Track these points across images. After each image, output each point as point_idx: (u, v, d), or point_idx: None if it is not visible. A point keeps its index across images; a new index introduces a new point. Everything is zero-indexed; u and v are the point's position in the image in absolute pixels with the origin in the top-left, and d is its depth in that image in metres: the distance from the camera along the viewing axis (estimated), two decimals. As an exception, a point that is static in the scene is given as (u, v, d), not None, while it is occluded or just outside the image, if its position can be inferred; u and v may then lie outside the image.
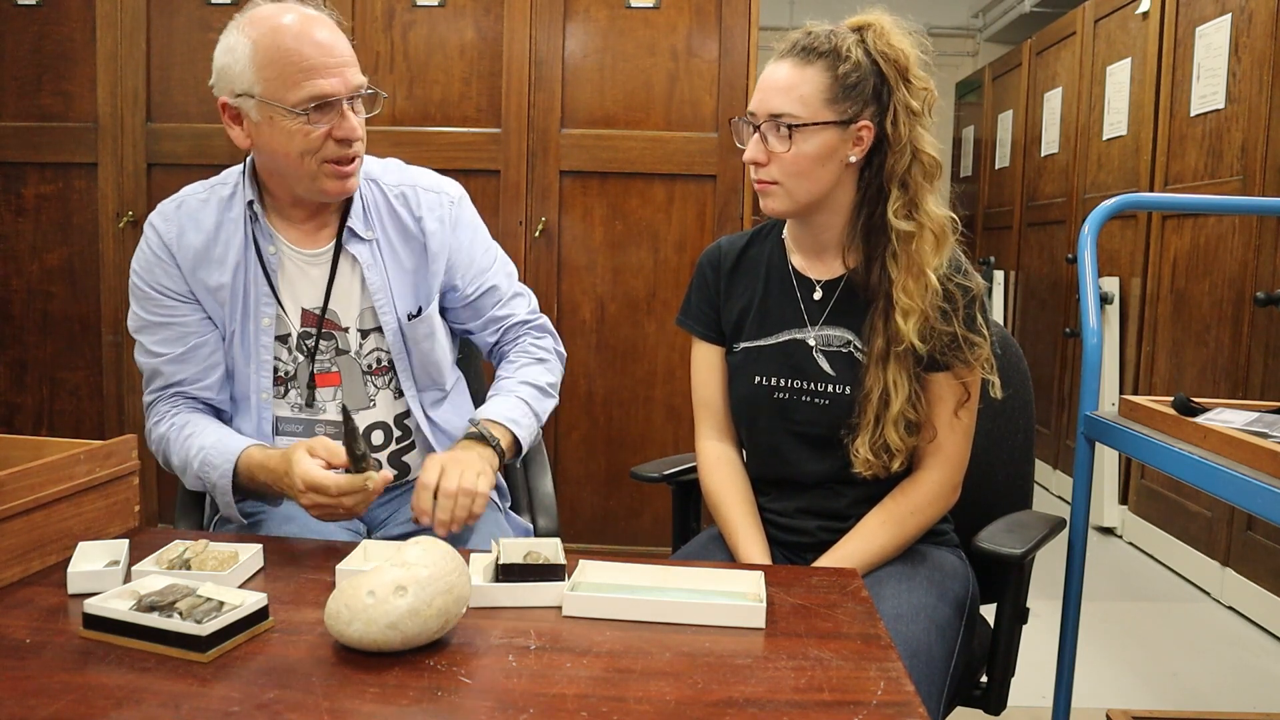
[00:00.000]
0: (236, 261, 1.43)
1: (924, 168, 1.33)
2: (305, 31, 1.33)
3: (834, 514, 1.42)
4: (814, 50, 1.31)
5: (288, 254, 1.45)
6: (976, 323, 1.36)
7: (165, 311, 1.43)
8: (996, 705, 1.41)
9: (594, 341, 2.81)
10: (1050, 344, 4.30)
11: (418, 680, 0.90)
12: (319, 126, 1.33)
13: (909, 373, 1.33)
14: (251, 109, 1.36)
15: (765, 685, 0.90)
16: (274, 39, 1.33)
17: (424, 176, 1.56)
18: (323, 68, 1.32)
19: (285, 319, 1.45)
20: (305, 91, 1.32)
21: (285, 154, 1.36)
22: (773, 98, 1.32)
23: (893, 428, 1.32)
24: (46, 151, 2.81)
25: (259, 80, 1.33)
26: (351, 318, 1.47)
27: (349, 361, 1.47)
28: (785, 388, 1.41)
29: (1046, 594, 1.82)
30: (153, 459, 1.49)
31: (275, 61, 1.32)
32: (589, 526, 2.82)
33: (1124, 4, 3.71)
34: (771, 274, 1.46)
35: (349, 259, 1.46)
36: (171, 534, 1.34)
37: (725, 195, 2.73)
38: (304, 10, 1.36)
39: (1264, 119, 2.77)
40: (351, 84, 1.35)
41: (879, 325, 1.34)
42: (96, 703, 0.83)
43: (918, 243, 1.32)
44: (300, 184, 1.39)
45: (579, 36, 2.73)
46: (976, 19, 6.39)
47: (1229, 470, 1.27)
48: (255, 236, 1.43)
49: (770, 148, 1.33)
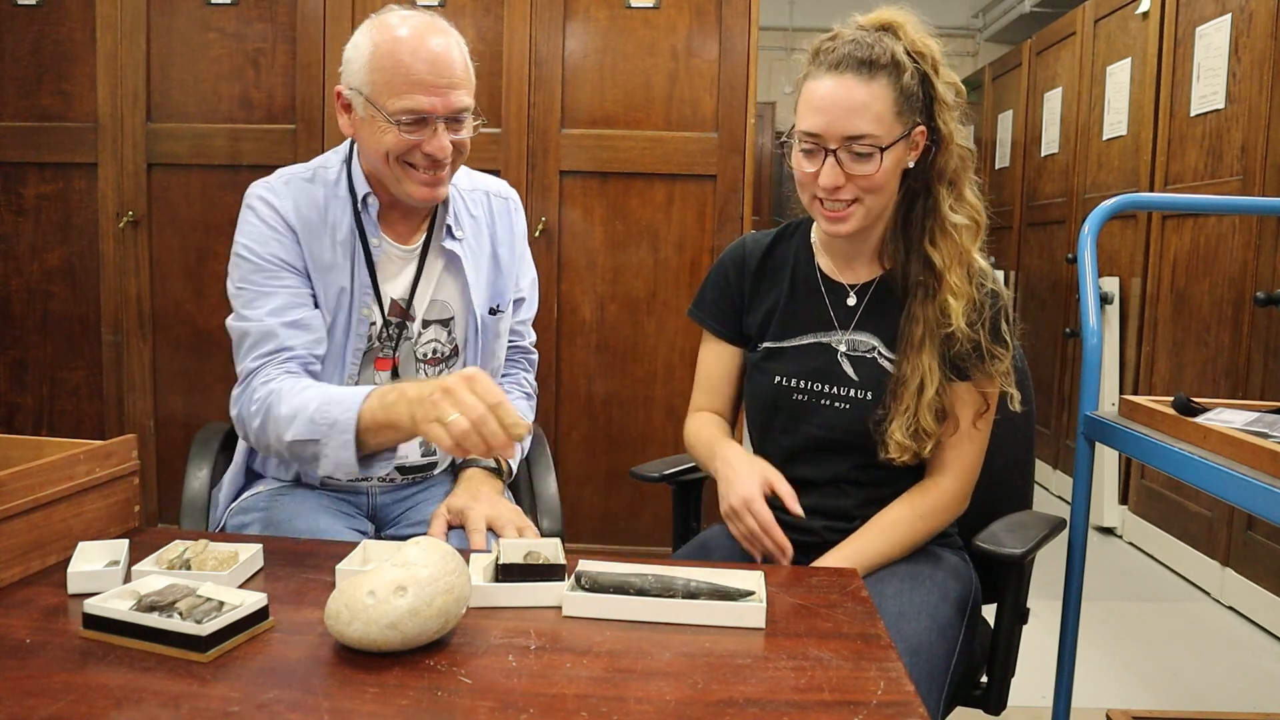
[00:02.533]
0: (345, 249, 1.47)
1: (962, 160, 1.34)
2: (422, 47, 1.38)
3: (841, 514, 1.41)
4: (875, 63, 1.27)
5: (388, 249, 1.51)
6: (1001, 332, 1.36)
7: (277, 283, 1.45)
8: (996, 705, 1.41)
9: (594, 341, 2.81)
10: (1050, 344, 4.30)
11: (418, 680, 0.90)
12: (412, 136, 1.39)
13: (941, 361, 1.34)
14: (359, 104, 1.42)
15: (765, 685, 0.90)
16: (391, 46, 1.39)
17: (490, 181, 1.66)
18: (427, 85, 1.38)
19: (379, 308, 1.50)
20: (404, 103, 1.38)
21: (376, 152, 1.42)
22: (848, 119, 1.26)
23: (927, 411, 1.33)
24: (46, 151, 2.81)
25: (369, 81, 1.40)
26: (421, 309, 1.54)
27: (407, 348, 1.54)
28: (806, 389, 1.41)
29: (1046, 594, 1.82)
30: (153, 459, 1.49)
31: (386, 68, 1.38)
32: (589, 526, 2.82)
33: (1124, 4, 3.71)
34: (798, 276, 1.45)
35: (439, 255, 1.54)
36: (171, 534, 1.34)
37: (725, 195, 2.73)
38: (431, 23, 1.42)
39: (1264, 119, 2.77)
40: (452, 105, 1.40)
41: (917, 313, 1.34)
42: (96, 703, 0.83)
43: (964, 232, 1.33)
44: (390, 182, 1.45)
45: (579, 36, 2.73)
46: (976, 19, 6.39)
47: (1229, 470, 1.27)
48: (364, 228, 1.48)
49: (849, 170, 1.29)
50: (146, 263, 2.80)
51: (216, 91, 2.77)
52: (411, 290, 1.52)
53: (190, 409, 2.82)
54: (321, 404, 1.33)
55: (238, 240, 1.47)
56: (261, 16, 2.75)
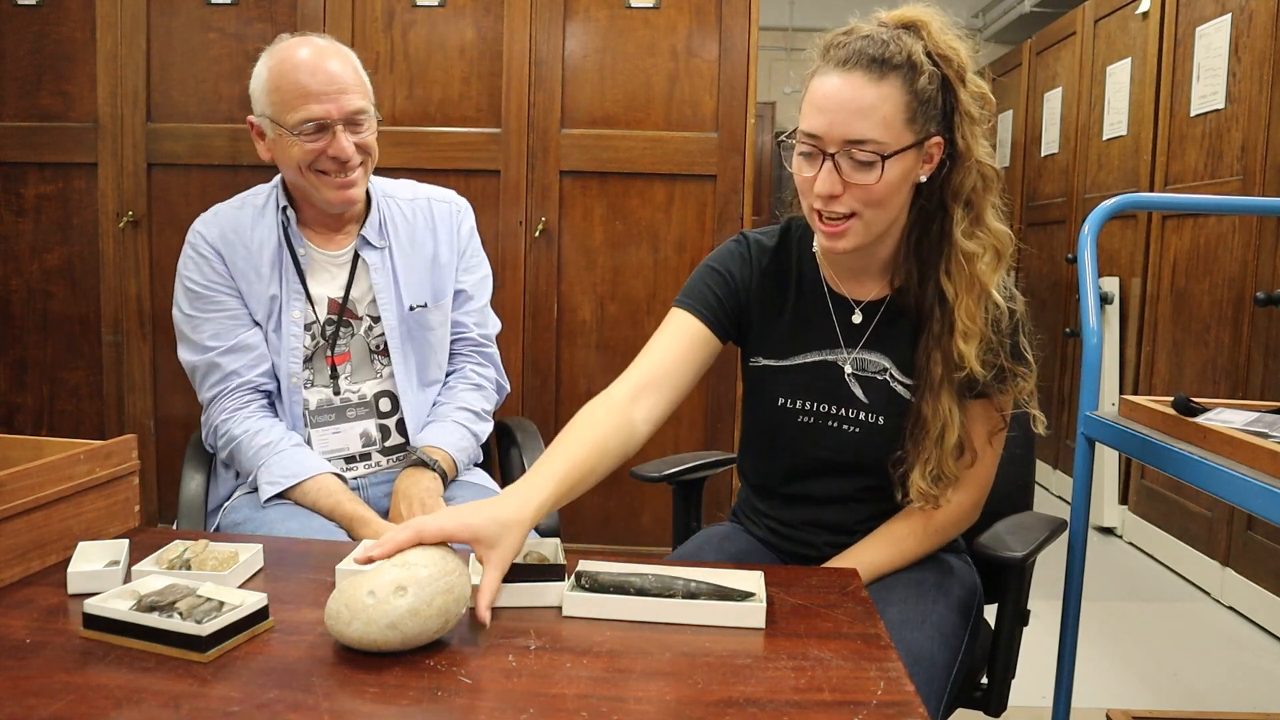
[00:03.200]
0: (272, 261, 1.62)
1: (985, 180, 1.22)
2: (309, 62, 1.54)
3: (843, 528, 1.37)
4: (887, 62, 1.15)
5: (315, 255, 1.66)
6: (1021, 350, 1.29)
7: (215, 306, 1.61)
8: (997, 706, 1.41)
9: (594, 341, 2.81)
10: (1050, 344, 4.29)
11: (418, 680, 0.89)
12: (315, 144, 1.54)
13: (959, 400, 1.26)
14: (267, 127, 1.59)
15: (765, 685, 0.90)
16: (281, 68, 1.55)
17: (436, 190, 1.80)
18: (319, 94, 1.53)
19: (311, 309, 1.64)
20: (300, 114, 1.53)
21: (290, 167, 1.59)
22: (850, 121, 1.15)
23: (949, 457, 1.25)
24: (46, 151, 2.81)
25: (270, 103, 1.56)
26: (364, 307, 1.68)
27: (359, 342, 1.68)
28: (812, 411, 1.33)
29: (1046, 594, 1.82)
30: (153, 459, 1.51)
31: (280, 88, 1.54)
32: (589, 526, 2.82)
33: (1124, 4, 3.71)
34: (804, 288, 1.35)
35: (364, 261, 1.67)
36: (171, 534, 1.34)
37: (725, 195, 2.73)
38: (316, 43, 1.58)
39: (1264, 119, 2.77)
40: (345, 109, 1.55)
41: (935, 353, 1.24)
42: (96, 703, 0.83)
43: (979, 261, 1.22)
44: (310, 192, 1.60)
45: (579, 36, 2.73)
46: (976, 19, 6.39)
47: (1229, 470, 1.26)
48: (289, 240, 1.64)
49: (847, 178, 1.17)
50: (146, 263, 2.79)
51: (216, 91, 2.77)
52: (347, 289, 1.66)
53: (190, 409, 2.78)
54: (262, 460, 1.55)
55: (178, 273, 1.64)
56: (261, 16, 2.75)
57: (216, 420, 1.61)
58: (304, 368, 1.63)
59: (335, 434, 1.64)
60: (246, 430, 1.58)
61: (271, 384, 1.63)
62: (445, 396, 1.75)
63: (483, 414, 1.76)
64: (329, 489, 1.52)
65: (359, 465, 1.66)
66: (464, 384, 1.77)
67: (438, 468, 1.59)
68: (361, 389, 1.66)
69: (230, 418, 1.59)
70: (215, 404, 1.61)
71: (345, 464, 1.64)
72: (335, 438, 1.64)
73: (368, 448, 1.66)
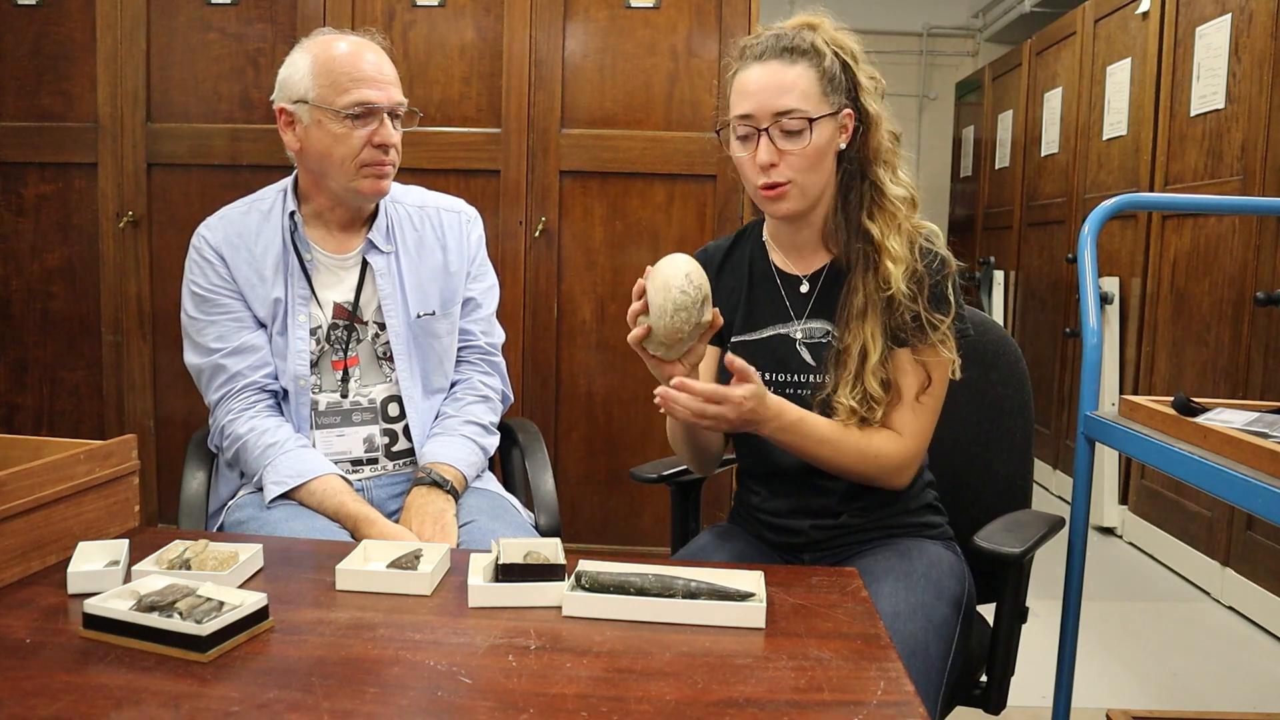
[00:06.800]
0: (277, 265, 1.62)
1: (895, 139, 1.42)
2: (358, 52, 1.57)
3: (825, 511, 1.44)
4: (796, 49, 1.36)
5: (322, 259, 1.65)
6: (945, 296, 1.38)
7: (219, 309, 1.62)
8: (996, 705, 1.41)
9: (594, 341, 2.81)
10: (1050, 344, 4.30)
11: (418, 680, 0.90)
12: (361, 130, 1.54)
13: (883, 331, 1.37)
14: (304, 113, 1.56)
15: (765, 685, 0.90)
16: (331, 53, 1.56)
17: (445, 199, 1.79)
18: (371, 80, 1.55)
19: (318, 314, 1.63)
20: (352, 97, 1.53)
21: (329, 155, 1.56)
22: (776, 97, 1.34)
23: (872, 377, 1.35)
24: (46, 151, 2.81)
25: (314, 87, 1.55)
26: (371, 312, 1.67)
27: (366, 347, 1.67)
28: (771, 381, 1.43)
29: (1046, 593, 1.82)
30: (153, 459, 1.51)
31: (329, 71, 1.54)
32: (589, 526, 2.82)
33: (1124, 4, 3.71)
34: (755, 272, 1.50)
35: (370, 267, 1.67)
36: (171, 534, 1.34)
37: (725, 195, 2.73)
38: (359, 38, 1.61)
39: (1264, 119, 2.77)
40: (393, 99, 1.57)
41: (858, 284, 1.38)
42: (96, 703, 0.84)
43: (903, 203, 1.40)
44: (339, 183, 1.59)
45: (579, 36, 2.73)
46: (976, 19, 6.39)
47: (1229, 470, 1.27)
48: (295, 243, 1.63)
49: (781, 147, 1.35)
50: (146, 263, 2.79)
51: (216, 91, 2.77)
52: (356, 294, 1.65)
53: (190, 409, 2.81)
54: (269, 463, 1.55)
55: (184, 278, 1.64)
56: (261, 16, 2.75)
57: (223, 421, 1.60)
58: (311, 371, 1.62)
59: (340, 437, 1.63)
60: (252, 429, 1.57)
61: (277, 385, 1.62)
62: (452, 408, 1.73)
63: (490, 427, 1.75)
64: (334, 489, 1.52)
65: (364, 469, 1.64)
66: (471, 395, 1.75)
67: (450, 489, 1.58)
68: (371, 393, 1.65)
69: (236, 418, 1.59)
70: (221, 405, 1.61)
71: (351, 467, 1.63)
72: (339, 440, 1.63)
73: (372, 453, 1.65)
